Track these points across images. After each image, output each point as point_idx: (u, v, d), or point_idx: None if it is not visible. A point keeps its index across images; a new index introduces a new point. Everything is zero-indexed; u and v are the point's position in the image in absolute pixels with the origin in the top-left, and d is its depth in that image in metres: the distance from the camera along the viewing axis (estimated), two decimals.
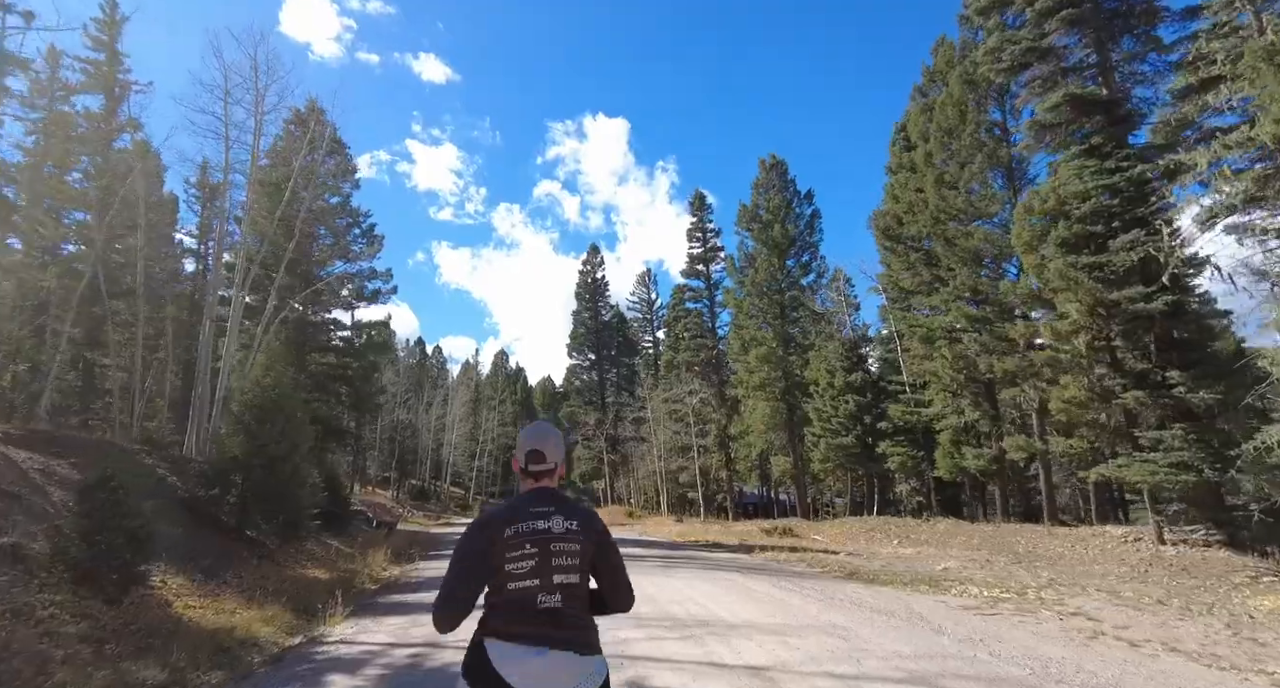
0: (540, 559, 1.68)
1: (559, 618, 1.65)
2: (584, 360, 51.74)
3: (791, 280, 30.30)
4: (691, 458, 36.93)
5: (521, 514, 1.74)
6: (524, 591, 1.65)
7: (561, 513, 1.76)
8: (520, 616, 1.64)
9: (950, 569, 11.28)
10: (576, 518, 1.77)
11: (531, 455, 1.85)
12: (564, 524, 1.74)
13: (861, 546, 17.94)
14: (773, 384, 28.98)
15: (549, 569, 1.67)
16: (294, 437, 11.53)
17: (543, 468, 1.85)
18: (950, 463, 20.24)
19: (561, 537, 1.72)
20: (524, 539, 1.69)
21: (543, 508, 1.76)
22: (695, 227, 39.77)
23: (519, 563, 1.66)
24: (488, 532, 1.72)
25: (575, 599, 1.70)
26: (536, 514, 1.74)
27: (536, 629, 1.62)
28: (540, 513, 1.74)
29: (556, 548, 1.70)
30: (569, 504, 1.80)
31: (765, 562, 12.76)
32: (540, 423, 1.97)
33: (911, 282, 20.84)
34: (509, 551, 1.67)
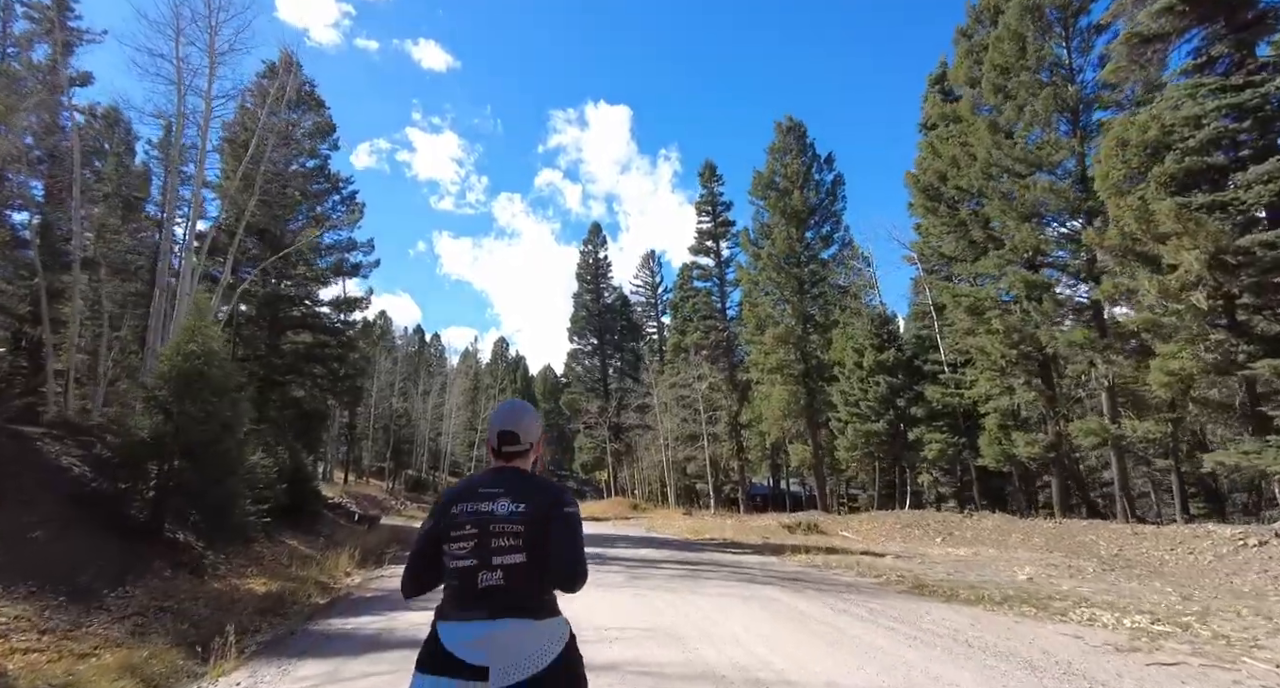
0: (479, 541, 1.65)
1: (500, 593, 1.62)
2: (585, 345, 49.59)
3: (811, 253, 28.06)
4: (700, 447, 34.90)
5: (469, 494, 1.73)
6: (464, 570, 1.64)
7: (510, 495, 1.70)
8: (462, 593, 1.64)
9: (1037, 580, 9.22)
10: (526, 501, 1.69)
11: (504, 437, 1.80)
12: (509, 507, 1.68)
13: (902, 545, 15.90)
14: (791, 366, 26.86)
15: (487, 551, 1.64)
16: (226, 417, 9.47)
17: (516, 449, 1.80)
18: (997, 451, 18.15)
19: (504, 519, 1.66)
20: (466, 519, 1.68)
21: (493, 489, 1.72)
22: (704, 199, 37.44)
23: (460, 543, 1.66)
24: (439, 508, 1.75)
25: (520, 577, 1.64)
26: (484, 495, 1.71)
27: (477, 604, 1.61)
28: (488, 494, 1.71)
29: (496, 529, 1.65)
30: (526, 485, 1.74)
31: (803, 568, 10.72)
32: (512, 401, 1.92)
33: (955, 246, 18.64)
34: (452, 529, 1.68)
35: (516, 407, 1.87)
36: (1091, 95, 15.08)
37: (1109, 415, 14.46)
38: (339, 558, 12.08)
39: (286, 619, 7.57)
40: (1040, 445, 16.73)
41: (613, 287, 50.63)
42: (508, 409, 1.86)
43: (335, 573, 11.16)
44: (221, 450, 9.32)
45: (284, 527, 15.16)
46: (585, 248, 50.39)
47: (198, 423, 8.96)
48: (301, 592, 9.02)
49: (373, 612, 7.57)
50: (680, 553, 12.85)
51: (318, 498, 16.96)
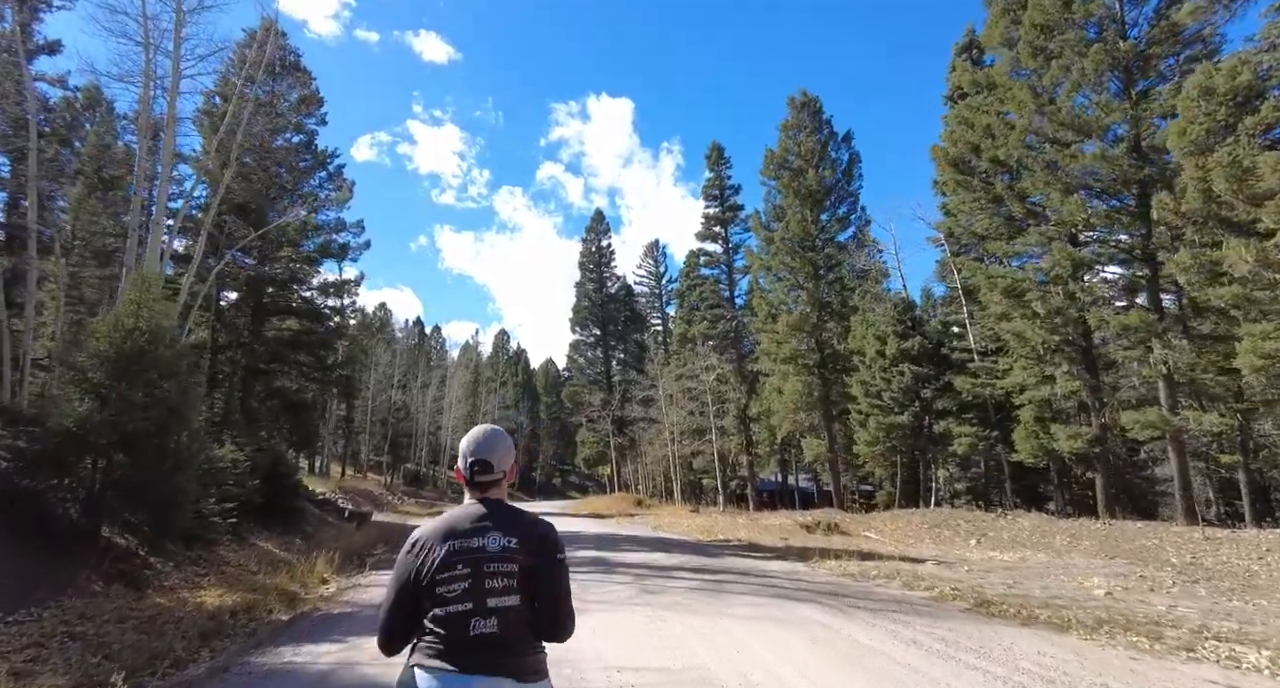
0: (473, 581, 1.56)
1: (494, 644, 1.54)
2: (588, 336, 48.28)
3: (827, 236, 26.69)
4: (708, 440, 33.65)
5: (456, 531, 1.63)
6: (456, 616, 1.55)
7: (500, 529, 1.63)
8: (452, 642, 1.53)
9: (1117, 595, 7.95)
10: (516, 534, 1.64)
11: (476, 467, 1.72)
12: (501, 541, 1.61)
13: (934, 548, 14.66)
14: (805, 356, 25.57)
15: (482, 592, 1.56)
16: (174, 402, 8.22)
17: (489, 478, 1.73)
18: (1033, 445, 16.87)
19: (497, 556, 1.60)
20: (457, 559, 1.59)
21: (480, 524, 1.64)
22: (711, 183, 36.04)
23: (451, 585, 1.56)
24: (420, 550, 1.63)
25: (514, 624, 1.57)
26: (472, 530, 1.63)
27: (469, 657, 1.51)
28: (476, 530, 1.63)
29: (491, 568, 1.58)
30: (512, 518, 1.68)
31: (838, 579, 9.46)
32: (485, 428, 1.82)
33: (989, 224, 17.28)
34: (440, 572, 1.58)
35: (489, 434, 1.80)
36: (1147, 50, 13.67)
37: (1167, 406, 13.14)
38: (316, 562, 10.88)
39: (238, 642, 6.37)
40: (1084, 439, 15.43)
41: (616, 276, 49.33)
42: (480, 437, 1.78)
43: (309, 580, 9.95)
44: (168, 441, 8.08)
45: (259, 526, 13.97)
46: (588, 235, 49.04)
47: (139, 409, 7.72)
48: (262, 606, 7.80)
49: (335, 636, 6.35)
50: (695, 558, 11.61)
51: (298, 494, 15.76)
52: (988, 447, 18.67)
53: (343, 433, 49.76)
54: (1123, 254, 13.79)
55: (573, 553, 12.56)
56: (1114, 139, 14.01)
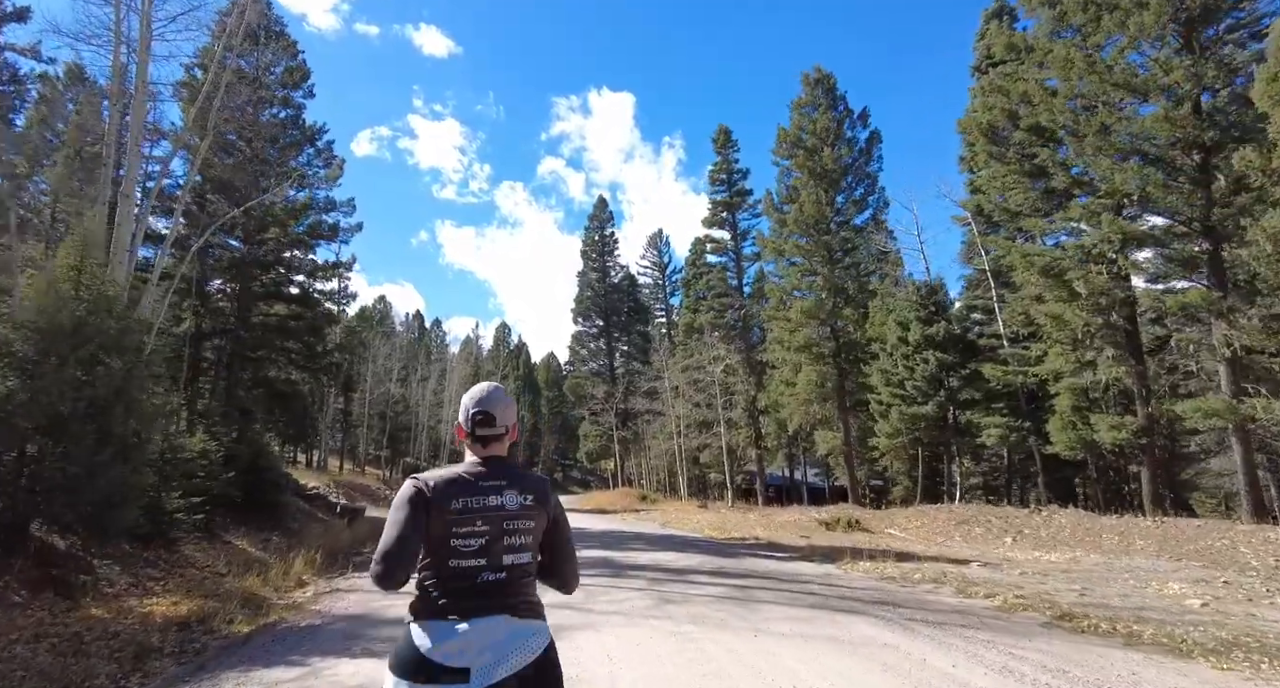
0: (491, 538, 1.57)
1: (495, 590, 1.55)
2: (590, 327, 47.16)
3: (843, 219, 25.50)
4: (715, 434, 32.57)
5: (471, 487, 1.60)
6: (465, 569, 1.54)
7: (515, 487, 1.63)
8: (455, 592, 1.54)
9: (1217, 607, 6.84)
10: (532, 492, 1.65)
11: (478, 418, 1.70)
12: (518, 500, 1.62)
13: (968, 546, 13.59)
14: (820, 344, 24.44)
15: (499, 549, 1.57)
16: (120, 383, 7.14)
17: (491, 433, 1.71)
18: (1071, 436, 15.76)
19: (516, 514, 1.60)
20: (475, 515, 1.56)
21: (495, 482, 1.62)
22: (719, 167, 34.80)
23: (467, 540, 1.55)
24: (426, 496, 1.57)
25: (521, 575, 1.60)
26: (488, 488, 1.61)
27: (469, 602, 1.52)
28: (493, 487, 1.61)
29: (510, 526, 1.59)
30: (522, 475, 1.67)
31: (878, 583, 8.38)
32: (488, 383, 1.80)
33: (1023, 198, 16.10)
34: (457, 526, 1.55)
35: (492, 388, 1.78)
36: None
37: (1230, 392, 12.01)
38: (294, 563, 9.86)
39: (181, 663, 5.32)
40: (1129, 430, 14.31)
41: (619, 265, 48.19)
42: (483, 389, 1.77)
43: (283, 583, 8.92)
44: (111, 426, 7.00)
45: (237, 523, 12.94)
46: (591, 224, 47.85)
47: (72, 388, 6.64)
48: (223, 615, 6.75)
49: (294, 657, 5.27)
50: (713, 559, 10.53)
51: (282, 489, 14.71)
52: (1019, 438, 17.55)
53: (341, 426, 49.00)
54: (1181, 226, 12.60)
55: (579, 553, 11.50)
56: (1174, 99, 12.81)
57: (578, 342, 47.19)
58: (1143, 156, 12.63)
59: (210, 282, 20.35)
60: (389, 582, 1.55)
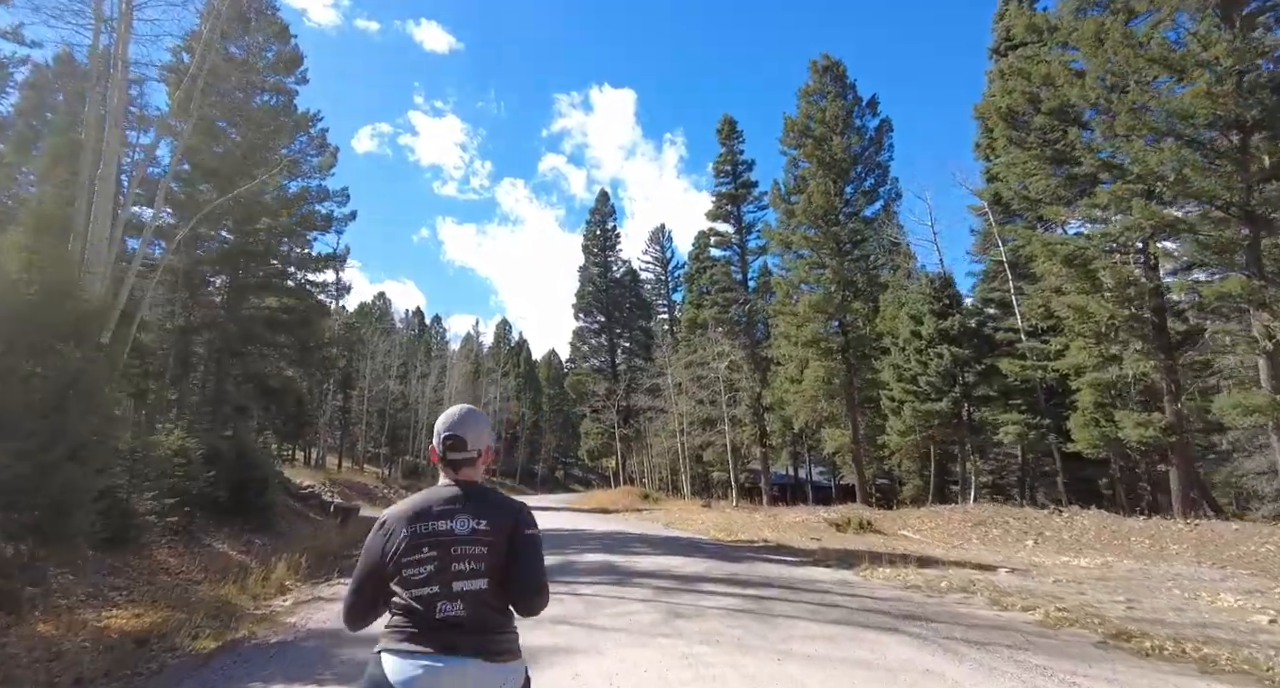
0: (439, 564, 1.52)
1: (461, 627, 1.50)
2: (592, 323, 46.50)
3: (853, 210, 24.81)
4: (720, 431, 31.95)
5: (424, 513, 1.58)
6: (422, 598, 1.51)
7: (469, 511, 1.59)
8: (419, 625, 1.50)
9: None
10: (487, 516, 1.60)
11: (449, 442, 1.67)
12: (470, 524, 1.57)
13: (987, 549, 12.97)
14: (828, 339, 23.78)
15: (448, 576, 1.52)
16: (75, 376, 6.52)
17: (462, 457, 1.67)
18: (1093, 434, 15.11)
19: (465, 539, 1.55)
20: (422, 541, 1.54)
21: (450, 506, 1.59)
22: (724, 159, 34.09)
23: (417, 568, 1.52)
24: (386, 530, 1.60)
25: (481, 607, 1.54)
26: (440, 513, 1.58)
27: (435, 638, 1.48)
28: (445, 511, 1.58)
29: (458, 552, 1.54)
30: (483, 500, 1.63)
31: (903, 592, 7.75)
32: (462, 407, 1.77)
33: (1045, 185, 15.42)
34: (406, 554, 1.53)
35: (464, 412, 1.74)
36: None
37: (1270, 387, 11.36)
38: (277, 568, 9.27)
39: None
40: (1157, 427, 13.65)
41: (621, 260, 47.53)
42: (455, 414, 1.73)
43: (262, 590, 8.32)
44: (65, 423, 6.38)
45: (220, 525, 12.32)
46: (592, 217, 47.20)
47: (19, 379, 6.02)
48: (188, 628, 6.16)
49: (257, 684, 4.67)
50: (721, 564, 9.90)
51: (270, 488, 14.10)
52: (1038, 436, 16.90)
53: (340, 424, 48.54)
54: (1218, 211, 11.91)
55: (579, 557, 10.91)
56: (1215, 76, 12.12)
57: (579, 338, 46.53)
58: (1179, 137, 11.94)
59: (201, 274, 19.74)
60: (352, 623, 1.61)
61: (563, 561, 10.05)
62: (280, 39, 21.21)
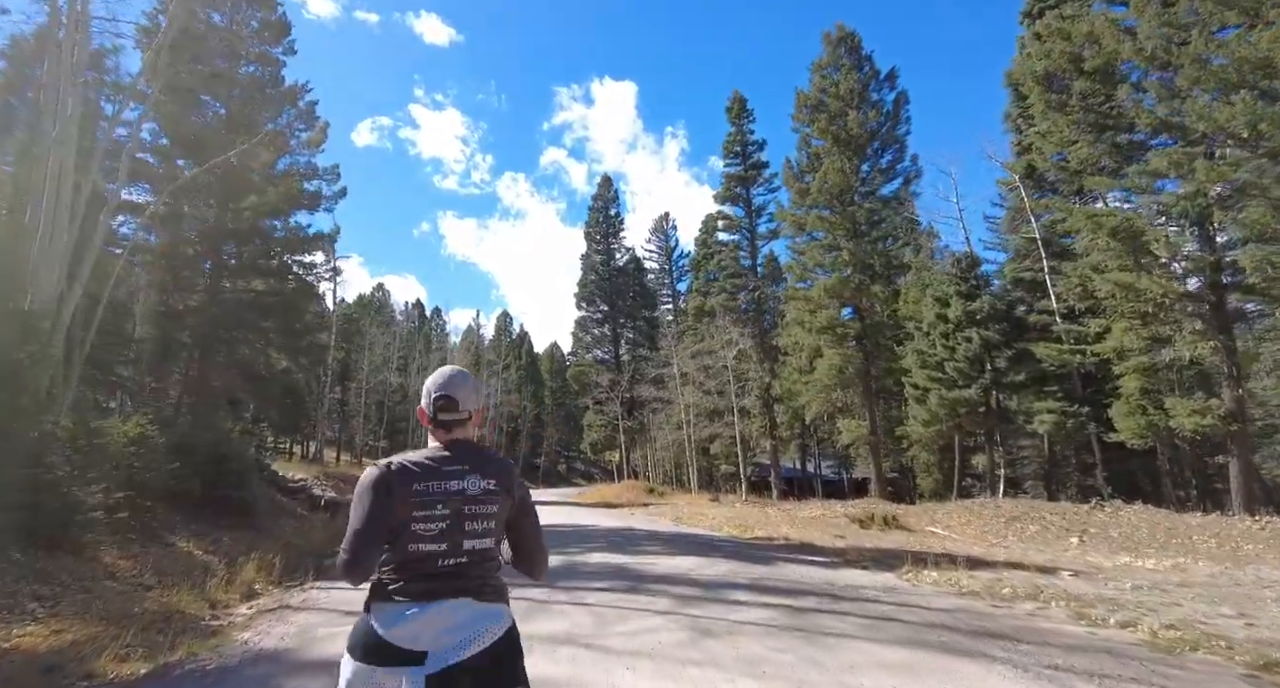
0: (452, 522, 1.54)
1: (456, 573, 1.53)
2: (595, 312, 45.31)
3: (869, 189, 23.60)
4: (729, 423, 30.84)
5: (432, 472, 1.57)
6: (426, 554, 1.51)
7: (478, 471, 1.60)
8: (417, 575, 1.51)
9: None
10: (495, 476, 1.61)
11: (440, 402, 1.64)
12: (481, 484, 1.58)
13: (1028, 547, 11.87)
14: (844, 325, 22.64)
15: (460, 534, 1.54)
16: None
17: (454, 417, 1.65)
18: (1140, 422, 14.00)
19: (477, 498, 1.57)
20: (435, 499, 1.53)
21: (457, 466, 1.59)
22: (733, 139, 32.81)
23: (427, 525, 1.52)
24: (387, 481, 1.53)
25: (483, 559, 1.58)
26: (450, 472, 1.57)
27: (429, 585, 1.50)
28: (454, 472, 1.58)
29: (471, 511, 1.56)
30: (486, 459, 1.64)
31: (964, 601, 6.66)
32: (450, 367, 1.77)
33: (1087, 153, 14.22)
34: (417, 510, 1.51)
35: (454, 372, 1.73)
36: None
37: None
38: (245, 569, 8.23)
39: None
40: (1215, 415, 12.51)
41: (625, 247, 46.21)
42: (445, 372, 1.72)
43: (225, 596, 7.27)
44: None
45: (189, 520, 11.24)
46: (595, 203, 45.91)
47: None
48: (115, 649, 5.07)
49: None
50: (746, 566, 8.81)
51: (249, 481, 13.04)
52: (1076, 425, 15.78)
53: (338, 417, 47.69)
54: None
55: (585, 558, 9.81)
56: None
57: (581, 327, 45.32)
58: (1254, 89, 10.75)
59: (183, 254, 18.64)
60: (357, 570, 1.52)
61: (567, 562, 8.97)
62: (265, 6, 20.04)
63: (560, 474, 72.72)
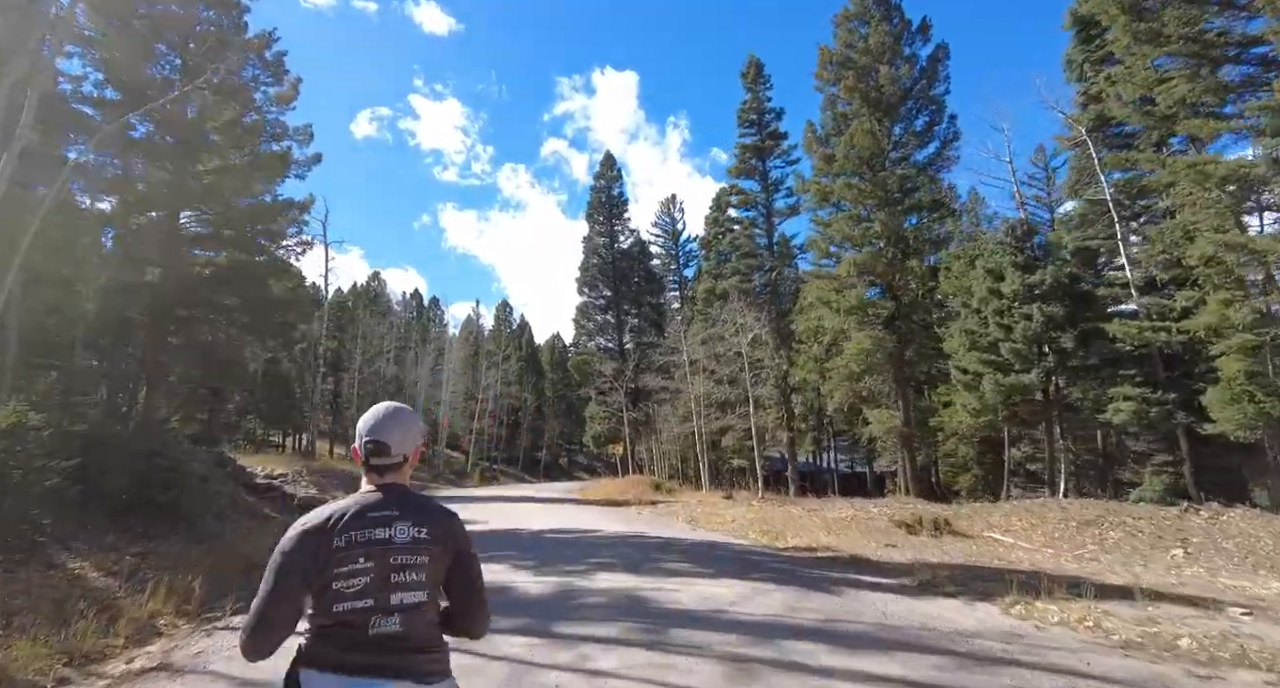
0: (376, 575, 1.37)
1: (395, 644, 1.36)
2: (597, 298, 43.12)
3: (902, 154, 21.38)
4: (742, 414, 28.76)
5: (357, 519, 1.41)
6: (354, 612, 1.35)
7: (408, 518, 1.44)
8: (348, 643, 1.35)
9: None
10: (427, 525, 1.45)
11: (370, 447, 1.49)
12: (410, 532, 1.42)
13: (1128, 562, 9.79)
14: (875, 306, 20.51)
15: (386, 588, 1.37)
16: None
17: (386, 462, 1.50)
18: (1245, 411, 11.88)
19: (405, 548, 1.41)
20: (358, 551, 1.37)
21: (384, 512, 1.43)
22: (748, 106, 30.51)
23: (350, 580, 1.36)
24: (313, 539, 1.38)
25: (420, 622, 1.41)
26: (376, 519, 1.42)
27: (365, 658, 1.33)
28: (380, 518, 1.42)
29: (398, 561, 1.40)
30: (419, 506, 1.48)
31: (1144, 669, 4.57)
32: (389, 405, 1.57)
33: (1188, 89, 12.02)
34: (339, 565, 1.36)
35: (390, 412, 1.54)
36: None
37: None
38: (150, 599, 6.31)
39: None
40: None
41: (629, 229, 43.93)
42: (379, 414, 1.53)
43: (94, 644, 5.26)
44: None
45: (101, 531, 9.25)
46: (598, 182, 43.61)
47: None
48: None
49: None
50: (802, 597, 6.76)
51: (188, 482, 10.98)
52: (1161, 415, 13.68)
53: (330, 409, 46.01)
54: None
55: (589, 579, 7.48)
56: None
57: (583, 314, 43.13)
58: None
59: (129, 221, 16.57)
60: (253, 653, 1.35)
61: (565, 587, 6.93)
62: None
63: (562, 468, 70.88)
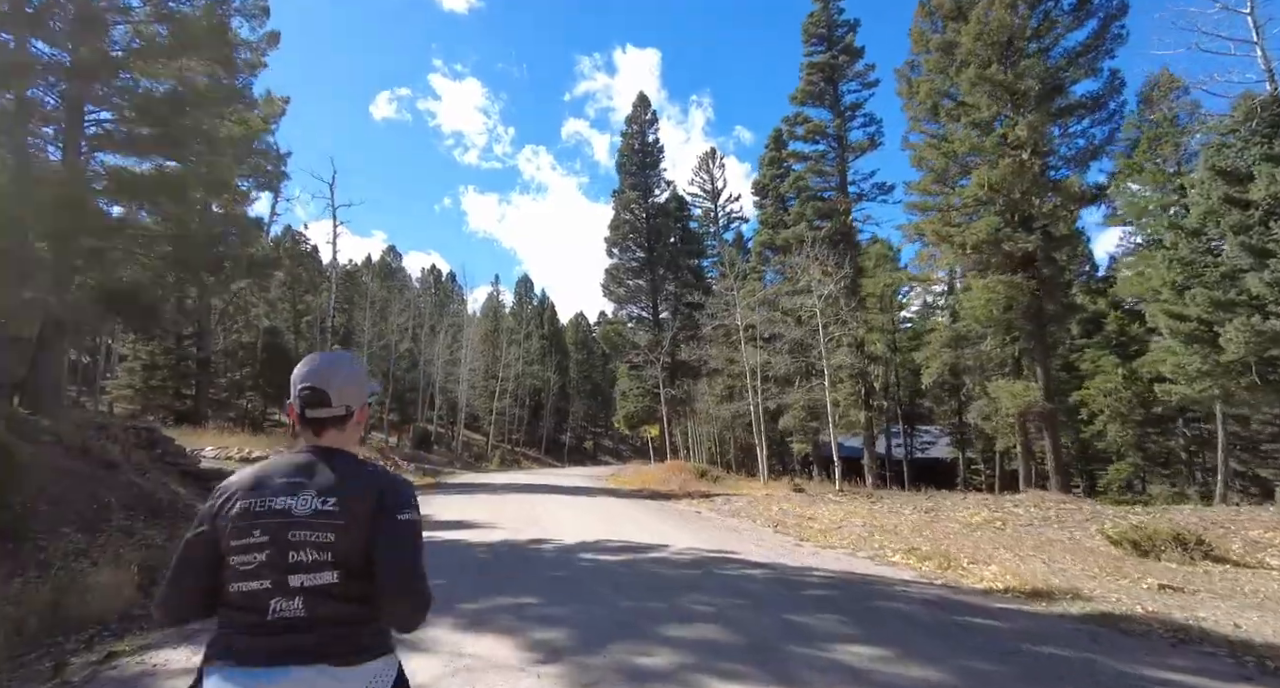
0: (272, 553, 1.19)
1: (300, 627, 1.17)
2: (629, 260, 38.39)
3: (1045, 43, 16.24)
4: (808, 389, 24.11)
5: (261, 485, 1.25)
6: (252, 594, 1.19)
7: (317, 486, 1.23)
8: (247, 626, 1.18)
9: None
10: (337, 494, 1.23)
11: (305, 394, 1.29)
12: (313, 503, 1.21)
13: None
14: (1011, 240, 15.56)
15: (283, 567, 1.19)
16: None
17: (324, 415, 1.30)
18: None
19: (304, 522, 1.20)
20: (255, 523, 1.21)
21: (294, 478, 1.25)
22: (816, 20, 25.39)
23: (244, 556, 1.20)
24: (220, 508, 1.25)
25: (329, 602, 1.19)
26: (279, 487, 1.24)
27: (269, 643, 1.16)
28: (285, 486, 1.24)
29: (296, 538, 1.20)
30: (340, 471, 1.26)
31: None
32: (327, 353, 1.40)
33: None
34: (234, 537, 1.21)
35: (330, 357, 1.37)
36: None
37: None
38: None
39: None
40: None
41: (665, 181, 38.99)
42: (315, 359, 1.35)
43: None
44: None
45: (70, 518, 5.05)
46: (630, 128, 38.62)
47: None
48: None
49: None
50: None
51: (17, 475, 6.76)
52: None
53: None
54: None
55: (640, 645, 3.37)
56: None
57: (613, 278, 38.40)
58: None
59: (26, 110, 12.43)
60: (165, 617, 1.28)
61: None
62: None
63: (586, 452, 67.11)
